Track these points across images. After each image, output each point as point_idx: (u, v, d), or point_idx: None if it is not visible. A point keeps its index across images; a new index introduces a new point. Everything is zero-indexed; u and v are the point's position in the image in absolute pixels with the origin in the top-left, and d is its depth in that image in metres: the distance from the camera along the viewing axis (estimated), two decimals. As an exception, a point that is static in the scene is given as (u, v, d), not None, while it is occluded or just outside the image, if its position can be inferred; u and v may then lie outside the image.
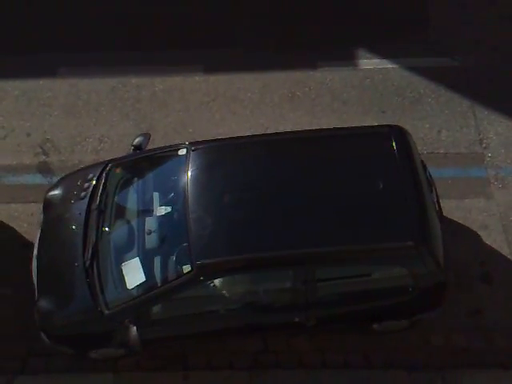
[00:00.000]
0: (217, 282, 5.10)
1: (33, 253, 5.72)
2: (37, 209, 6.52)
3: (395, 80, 7.30)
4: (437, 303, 5.41)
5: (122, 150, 7.01)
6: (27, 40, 7.67)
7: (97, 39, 7.66)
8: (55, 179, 6.77)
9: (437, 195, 5.61)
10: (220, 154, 5.44)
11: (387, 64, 7.38)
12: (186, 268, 4.97)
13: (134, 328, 5.03)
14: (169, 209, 5.31)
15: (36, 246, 5.71)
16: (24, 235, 6.49)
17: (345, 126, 6.44)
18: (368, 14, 7.70)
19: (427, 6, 7.75)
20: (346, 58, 7.44)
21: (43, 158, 6.98)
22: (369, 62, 7.42)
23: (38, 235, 5.76)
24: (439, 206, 5.54)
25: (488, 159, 6.77)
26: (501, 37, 7.48)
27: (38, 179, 6.84)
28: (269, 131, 6.80)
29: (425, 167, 5.61)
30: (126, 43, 7.64)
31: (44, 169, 6.92)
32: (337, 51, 7.45)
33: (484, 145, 6.88)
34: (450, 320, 5.84)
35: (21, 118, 7.23)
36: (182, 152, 5.53)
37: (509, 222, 6.40)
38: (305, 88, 7.32)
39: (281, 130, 6.60)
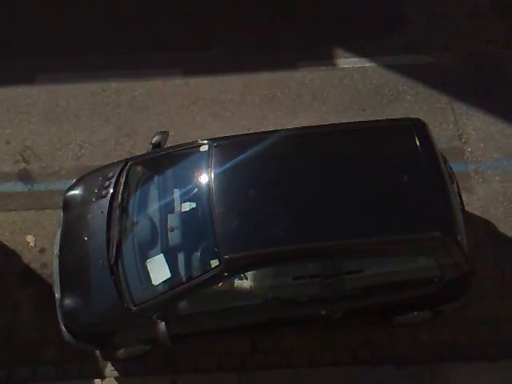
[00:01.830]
0: (244, 276, 5.11)
1: (54, 252, 5.71)
2: (18, 217, 6.47)
3: (374, 78, 7.35)
4: (461, 294, 5.46)
5: (103, 155, 6.99)
6: (3, 47, 7.59)
7: (74, 45, 7.59)
8: (36, 186, 6.73)
9: (458, 187, 5.64)
10: (242, 149, 5.41)
11: (365, 63, 7.44)
12: (214, 262, 5.00)
13: (163, 323, 5.05)
14: (193, 205, 5.34)
15: (57, 244, 5.70)
16: (6, 243, 6.42)
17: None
18: (345, 14, 7.75)
19: (403, 4, 7.82)
20: (324, 57, 7.48)
21: (23, 165, 6.91)
22: (347, 61, 7.47)
23: (59, 234, 5.74)
24: (460, 197, 5.58)
25: (468, 154, 6.85)
26: (476, 32, 7.57)
27: (19, 187, 6.77)
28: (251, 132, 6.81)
29: (445, 159, 5.64)
30: (104, 48, 7.59)
31: (24, 176, 6.85)
32: (315, 51, 7.49)
33: (463, 140, 6.97)
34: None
35: (-1, 125, 7.18)
36: (204, 148, 5.55)
37: (490, 216, 6.48)
38: (285, 88, 7.35)
39: (262, 130, 6.60)
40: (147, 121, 7.21)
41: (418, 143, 5.37)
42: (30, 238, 6.46)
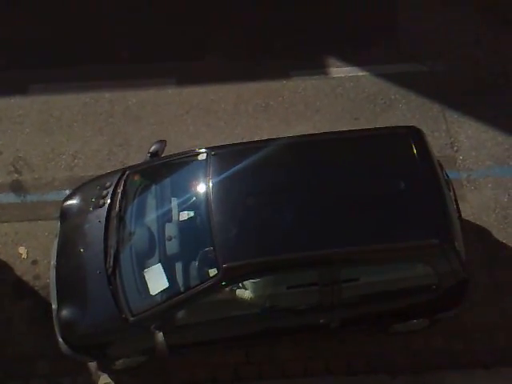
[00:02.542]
0: (242, 285, 5.10)
1: (50, 263, 5.68)
2: (10, 228, 6.44)
3: (366, 87, 7.39)
4: (458, 301, 5.47)
5: (96, 165, 6.98)
6: (-4, 58, 7.62)
7: (67, 55, 7.60)
8: (29, 198, 6.71)
9: (454, 194, 5.67)
10: (240, 158, 5.40)
11: (358, 71, 7.48)
12: (212, 271, 4.97)
13: (161, 334, 5.03)
14: (191, 213, 5.32)
15: (54, 255, 5.67)
16: (-2, 255, 6.41)
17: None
18: (337, 23, 7.78)
19: (395, 13, 7.87)
20: (317, 66, 7.51)
21: (16, 176, 6.89)
22: (340, 70, 7.50)
23: (56, 244, 5.72)
24: (457, 205, 5.61)
25: (460, 162, 6.88)
26: (467, 41, 7.62)
27: (12, 198, 6.75)
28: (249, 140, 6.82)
29: (441, 167, 5.67)
30: (97, 58, 7.60)
31: (17, 187, 6.82)
32: (308, 60, 7.52)
33: (455, 148, 7.00)
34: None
35: (-8, 136, 7.16)
36: (202, 157, 5.54)
37: (482, 223, 6.50)
38: (278, 97, 7.37)
39: (257, 139, 6.61)
40: (140, 131, 7.21)
41: (415, 151, 5.39)
42: (22, 250, 6.43)
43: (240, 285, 5.09)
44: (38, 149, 7.06)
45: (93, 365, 5.84)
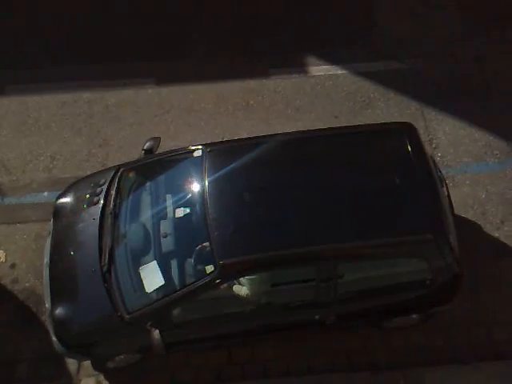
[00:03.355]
0: (238, 281, 5.10)
1: (43, 261, 5.62)
2: (-11, 231, 6.37)
3: (345, 85, 7.42)
4: (451, 296, 5.52)
5: (75, 166, 6.92)
6: (-29, 58, 7.50)
7: (44, 55, 7.51)
8: (7, 200, 6.63)
9: (447, 190, 5.72)
10: (236, 154, 5.40)
11: (337, 70, 7.50)
12: (209, 268, 4.97)
13: (157, 331, 5.01)
14: (187, 210, 5.31)
15: (47, 253, 5.61)
16: (-22, 259, 6.34)
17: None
18: (316, 22, 7.80)
19: (373, 12, 7.91)
20: (296, 65, 7.52)
21: (-7, 178, 6.83)
22: (319, 69, 7.52)
23: (49, 243, 5.67)
24: (450, 200, 5.65)
25: (438, 159, 6.94)
26: (445, 39, 7.68)
27: (-11, 201, 6.68)
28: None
29: (434, 163, 5.71)
30: (75, 58, 7.52)
31: (-5, 190, 6.76)
32: (288, 59, 7.53)
33: (434, 145, 7.07)
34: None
35: (-31, 138, 7.06)
36: (198, 153, 5.52)
37: (461, 219, 6.57)
38: (258, 97, 7.37)
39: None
40: (120, 131, 7.16)
41: (409, 147, 5.42)
42: (0, 253, 6.36)
43: (236, 281, 5.10)
44: (16, 151, 6.98)
45: (73, 368, 5.81)
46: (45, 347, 5.85)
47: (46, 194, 6.74)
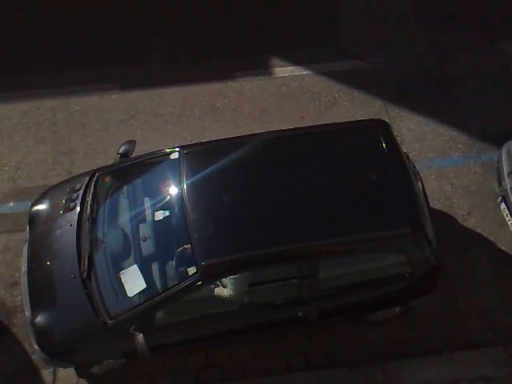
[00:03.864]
0: (221, 282, 5.08)
1: (21, 269, 5.51)
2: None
3: (310, 86, 7.50)
4: (430, 288, 5.61)
5: (40, 175, 6.78)
6: None
7: (5, 64, 7.35)
8: (-30, 212, 6.46)
9: (422, 184, 5.82)
10: (213, 156, 5.41)
11: (301, 70, 7.58)
12: (191, 270, 4.96)
13: (141, 335, 4.97)
14: (166, 213, 5.29)
15: (24, 261, 5.51)
16: None
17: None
18: (279, 23, 7.86)
19: (336, 12, 8.02)
20: (261, 67, 7.57)
21: (-45, 191, 6.63)
22: (284, 70, 7.59)
23: (26, 251, 5.55)
24: (425, 194, 5.75)
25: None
26: (406, 38, 7.84)
27: (-48, 214, 6.48)
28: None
29: (408, 158, 5.80)
30: (38, 66, 7.38)
31: (-42, 202, 6.56)
32: (252, 61, 7.56)
33: (399, 141, 7.17)
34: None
35: None
36: (175, 156, 5.50)
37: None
38: (224, 99, 7.37)
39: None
40: (85, 138, 7.05)
41: (383, 143, 5.51)
42: (-34, 267, 6.20)
43: (219, 282, 5.10)
44: (-22, 161, 6.82)
45: (49, 379, 5.68)
46: (18, 360, 5.73)
47: (11, 204, 6.59)
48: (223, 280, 5.10)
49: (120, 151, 5.91)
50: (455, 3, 8.07)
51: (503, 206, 6.42)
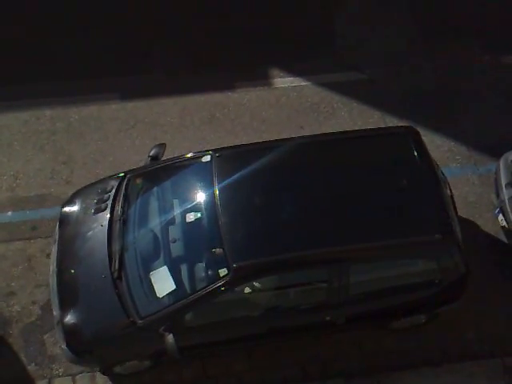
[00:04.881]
0: (251, 284, 5.11)
1: (50, 269, 5.55)
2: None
3: (309, 96, 7.53)
4: (458, 295, 5.62)
5: (39, 184, 6.80)
6: None
7: (5, 73, 7.38)
8: (-31, 221, 6.47)
9: (450, 191, 5.85)
10: (245, 159, 5.47)
11: (301, 82, 7.61)
12: (222, 272, 4.98)
13: (171, 335, 5.00)
14: (197, 215, 5.34)
15: (53, 261, 5.55)
16: None
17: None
18: (279, 35, 7.90)
19: (334, 24, 8.06)
20: (261, 78, 7.60)
21: (-45, 199, 6.64)
22: (283, 81, 7.62)
23: (55, 251, 5.60)
24: (453, 201, 5.78)
25: (402, 166, 7.07)
26: (404, 49, 7.87)
27: (-49, 222, 6.49)
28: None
29: (437, 165, 5.84)
30: (37, 76, 7.40)
31: (-44, 211, 6.57)
32: (252, 72, 7.60)
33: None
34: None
35: None
36: (206, 159, 5.55)
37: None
38: (224, 109, 7.40)
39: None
40: (85, 147, 7.08)
41: (414, 150, 5.56)
42: (-36, 274, 6.20)
43: (249, 284, 5.12)
44: (-23, 170, 6.84)
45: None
46: (14, 370, 5.72)
47: (9, 213, 6.60)
48: (254, 282, 5.11)
49: (150, 154, 5.98)
50: (454, 15, 8.11)
51: (501, 217, 6.43)
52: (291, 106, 7.46)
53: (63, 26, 7.82)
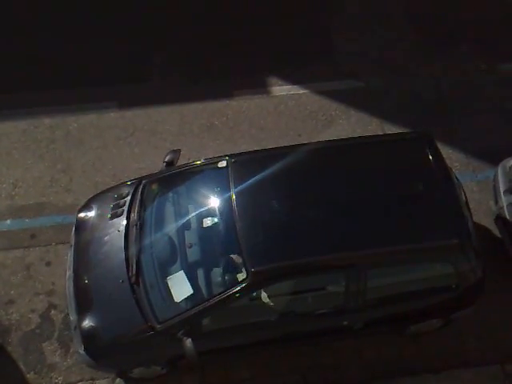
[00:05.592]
0: (269, 289, 5.12)
1: (66, 274, 5.56)
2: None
3: (307, 104, 7.56)
4: (474, 300, 5.63)
5: (38, 193, 6.79)
6: None
7: (3, 82, 7.40)
8: (-32, 230, 6.46)
9: (465, 196, 5.87)
10: (261, 164, 5.48)
11: (299, 90, 7.64)
12: (241, 276, 5.00)
13: (189, 340, 5.00)
14: (214, 220, 5.35)
15: (70, 266, 5.56)
16: None
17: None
18: (277, 43, 7.94)
19: (332, 32, 8.10)
20: (259, 86, 7.63)
21: (-47, 208, 6.64)
22: (281, 89, 7.65)
23: (71, 256, 5.60)
24: (468, 206, 5.80)
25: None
26: (402, 57, 7.92)
27: (-51, 231, 6.48)
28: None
29: (452, 170, 5.87)
30: (36, 85, 7.43)
31: (-45, 219, 6.56)
32: (250, 80, 7.63)
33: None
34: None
35: None
36: (222, 164, 5.57)
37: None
38: (222, 117, 7.42)
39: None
40: (84, 155, 7.08)
41: (429, 155, 5.58)
42: (-38, 285, 6.18)
43: (267, 289, 5.12)
44: (-24, 179, 6.83)
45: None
46: (13, 379, 5.70)
47: (8, 222, 6.60)
48: (272, 287, 5.11)
49: (166, 160, 5.99)
50: (453, 24, 8.17)
51: (499, 223, 6.44)
52: (289, 113, 7.49)
53: (62, 35, 7.85)
